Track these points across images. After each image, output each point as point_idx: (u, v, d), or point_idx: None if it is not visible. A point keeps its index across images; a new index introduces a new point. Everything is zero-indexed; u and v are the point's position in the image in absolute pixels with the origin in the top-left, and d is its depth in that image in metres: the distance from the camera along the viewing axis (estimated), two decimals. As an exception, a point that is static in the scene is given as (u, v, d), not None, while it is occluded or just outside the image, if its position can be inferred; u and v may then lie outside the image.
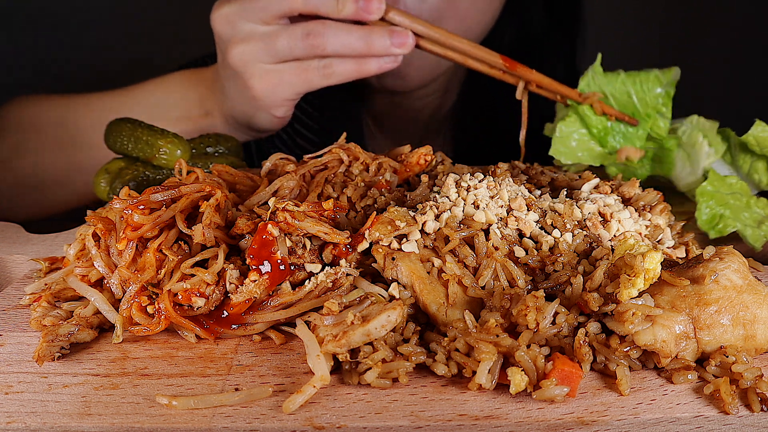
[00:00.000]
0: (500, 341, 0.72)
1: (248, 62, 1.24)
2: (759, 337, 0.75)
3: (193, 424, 0.66)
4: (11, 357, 0.78)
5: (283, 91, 1.27)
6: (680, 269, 0.80)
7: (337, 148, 1.10)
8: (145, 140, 1.21)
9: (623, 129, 1.25)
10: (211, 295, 0.80)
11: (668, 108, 1.26)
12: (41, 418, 0.67)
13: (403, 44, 1.18)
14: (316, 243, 0.87)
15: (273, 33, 1.20)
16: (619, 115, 1.24)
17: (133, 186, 1.21)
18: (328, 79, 1.23)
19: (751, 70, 2.67)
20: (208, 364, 0.76)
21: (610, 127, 1.25)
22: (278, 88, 1.26)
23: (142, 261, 0.83)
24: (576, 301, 0.79)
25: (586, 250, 0.87)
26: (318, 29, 1.18)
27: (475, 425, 0.66)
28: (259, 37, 1.21)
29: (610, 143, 1.26)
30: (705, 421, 0.67)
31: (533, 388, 0.69)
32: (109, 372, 0.75)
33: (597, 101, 1.23)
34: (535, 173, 1.13)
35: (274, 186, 0.99)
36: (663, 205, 0.98)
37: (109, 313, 0.82)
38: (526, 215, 0.90)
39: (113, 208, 0.88)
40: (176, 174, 1.01)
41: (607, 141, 1.25)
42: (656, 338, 0.72)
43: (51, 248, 1.06)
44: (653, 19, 2.86)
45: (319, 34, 1.17)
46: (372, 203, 1.00)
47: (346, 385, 0.72)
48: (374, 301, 0.79)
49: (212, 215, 0.85)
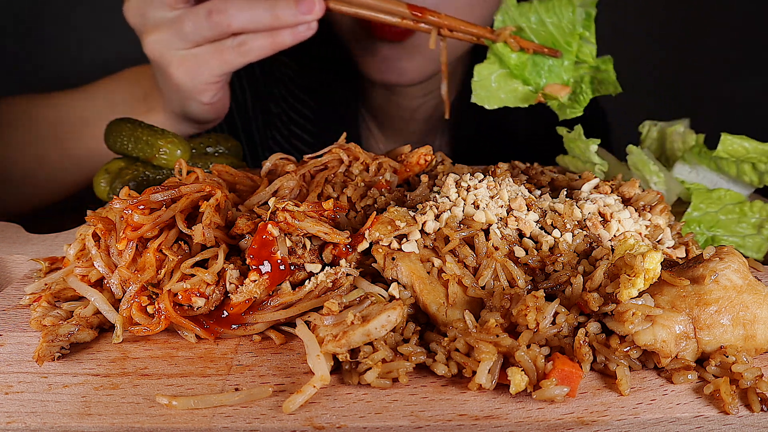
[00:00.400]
0: (500, 341, 0.72)
1: (162, 51, 1.22)
2: (759, 337, 0.75)
3: (193, 424, 0.66)
4: (11, 357, 0.78)
5: (202, 75, 1.24)
6: (680, 269, 0.80)
7: (337, 148, 1.10)
8: (145, 140, 1.21)
9: (549, 63, 1.16)
10: (211, 295, 0.80)
11: (591, 31, 1.17)
12: (41, 418, 0.67)
13: (310, 10, 1.16)
14: (316, 243, 0.87)
15: (179, 17, 1.18)
16: (536, 47, 1.15)
17: (133, 186, 1.21)
18: (245, 57, 1.21)
19: (751, 70, 2.67)
20: (208, 364, 0.76)
21: (532, 63, 1.16)
22: (197, 73, 1.23)
23: (142, 261, 0.83)
24: (576, 301, 0.79)
25: (586, 250, 0.87)
26: (219, 6, 1.15)
27: (475, 425, 0.66)
28: (168, 24, 1.19)
29: (534, 80, 1.18)
30: (705, 421, 0.67)
31: (533, 388, 0.69)
32: (109, 372, 0.75)
33: (510, 36, 1.14)
34: (535, 173, 1.13)
35: (274, 186, 0.99)
36: (663, 205, 0.98)
37: (109, 313, 0.82)
38: (526, 215, 0.90)
39: (113, 208, 0.88)
40: (176, 174, 1.01)
41: (531, 78, 1.17)
42: (656, 338, 0.72)
43: (51, 248, 1.06)
44: (653, 19, 2.86)
45: (221, 11, 1.15)
46: (372, 203, 1.00)
47: (346, 385, 0.72)
48: (374, 301, 0.79)
49: (212, 215, 0.85)
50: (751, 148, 1.11)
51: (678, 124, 1.29)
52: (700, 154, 1.16)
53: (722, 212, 1.10)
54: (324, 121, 1.85)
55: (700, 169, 1.18)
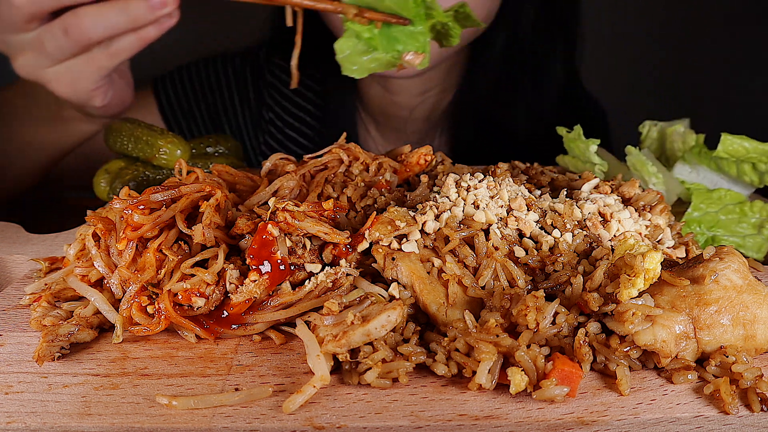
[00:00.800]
0: (500, 341, 0.72)
1: (35, 71, 1.21)
2: (759, 337, 0.75)
3: (193, 424, 0.66)
4: (11, 357, 0.78)
5: (82, 85, 1.23)
6: (680, 269, 0.80)
7: (337, 148, 1.10)
8: (145, 140, 1.21)
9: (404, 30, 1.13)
10: (211, 295, 0.80)
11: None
12: (41, 418, 0.67)
13: (164, 4, 1.13)
14: (316, 243, 0.87)
15: (37, 38, 1.16)
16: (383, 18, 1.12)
17: (133, 186, 1.21)
18: (118, 58, 1.19)
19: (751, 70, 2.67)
20: (208, 364, 0.76)
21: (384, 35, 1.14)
22: (76, 85, 1.23)
23: (142, 261, 0.83)
24: (576, 301, 0.79)
25: (586, 250, 0.87)
26: (73, 22, 1.13)
27: (475, 425, 0.66)
28: (29, 46, 1.18)
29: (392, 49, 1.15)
30: (705, 421, 0.67)
31: (533, 388, 0.69)
32: (109, 372, 0.75)
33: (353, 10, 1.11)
34: (535, 173, 1.13)
35: (274, 186, 0.99)
36: (663, 205, 0.98)
37: (109, 313, 0.82)
38: (526, 215, 0.90)
39: (113, 208, 0.88)
40: (176, 174, 1.01)
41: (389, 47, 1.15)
42: (656, 338, 0.72)
43: (51, 248, 1.06)
44: (653, 19, 2.85)
45: (77, 26, 1.13)
46: (372, 203, 1.00)
47: (346, 385, 0.72)
48: (374, 301, 0.79)
49: (212, 215, 0.85)
50: (751, 148, 1.11)
51: (678, 124, 1.29)
52: (701, 154, 1.16)
53: (722, 212, 1.10)
54: (322, 122, 1.85)
55: (701, 169, 1.18)
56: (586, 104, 1.95)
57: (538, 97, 1.81)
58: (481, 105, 1.81)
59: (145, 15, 1.13)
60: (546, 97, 1.82)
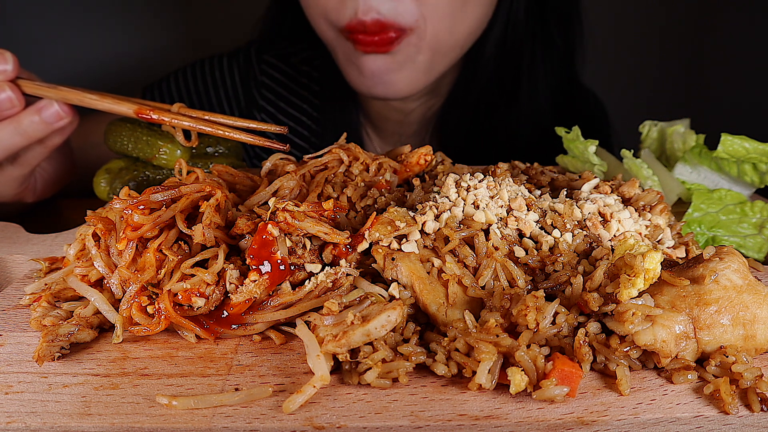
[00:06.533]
0: (500, 341, 0.72)
1: None
2: (759, 337, 0.75)
3: (193, 424, 0.66)
4: (11, 357, 0.78)
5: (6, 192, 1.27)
6: (680, 269, 0.80)
7: (337, 148, 1.10)
8: (145, 140, 1.21)
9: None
10: (211, 295, 0.80)
11: None
12: (41, 418, 0.67)
13: (57, 116, 1.13)
14: (316, 243, 0.87)
15: None
16: None
17: (133, 186, 1.21)
18: (28, 167, 1.22)
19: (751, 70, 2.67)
20: (208, 364, 0.76)
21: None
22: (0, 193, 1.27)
23: (142, 261, 0.83)
24: (576, 301, 0.79)
25: (586, 250, 0.87)
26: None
27: (475, 425, 0.66)
28: None
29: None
30: (705, 421, 0.67)
31: (533, 388, 0.69)
32: (109, 372, 0.75)
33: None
34: (535, 173, 1.13)
35: (274, 186, 0.99)
36: (663, 205, 0.98)
37: (109, 313, 0.82)
38: (526, 215, 0.90)
39: (113, 208, 0.88)
40: (176, 174, 1.01)
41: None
42: (656, 338, 0.72)
43: (51, 248, 1.06)
44: (653, 19, 2.86)
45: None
46: (372, 203, 1.00)
47: (346, 385, 0.72)
48: (374, 301, 0.79)
49: (212, 215, 0.85)
50: (752, 149, 1.11)
51: (678, 124, 1.29)
52: (701, 154, 1.16)
53: (723, 212, 1.10)
54: (318, 123, 1.85)
55: (701, 170, 1.18)
56: (583, 104, 1.94)
57: (534, 97, 1.80)
58: (466, 107, 1.81)
59: (41, 129, 1.13)
60: (542, 96, 1.81)
